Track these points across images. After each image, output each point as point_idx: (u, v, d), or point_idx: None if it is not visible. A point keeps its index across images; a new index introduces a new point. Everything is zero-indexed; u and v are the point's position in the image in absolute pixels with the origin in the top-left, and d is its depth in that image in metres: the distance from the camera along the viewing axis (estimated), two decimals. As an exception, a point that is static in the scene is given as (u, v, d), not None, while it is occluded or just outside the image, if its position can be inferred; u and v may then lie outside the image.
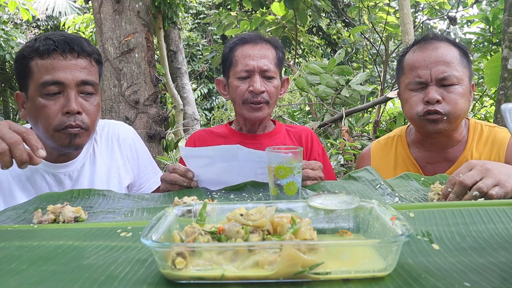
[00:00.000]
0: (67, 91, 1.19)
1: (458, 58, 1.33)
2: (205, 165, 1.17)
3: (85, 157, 1.36)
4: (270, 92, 1.47)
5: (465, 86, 1.33)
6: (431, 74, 1.32)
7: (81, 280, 0.56)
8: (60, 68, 1.17)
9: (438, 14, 5.83)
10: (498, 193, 0.88)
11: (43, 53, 1.17)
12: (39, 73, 1.17)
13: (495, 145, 1.38)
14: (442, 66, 1.31)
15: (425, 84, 1.34)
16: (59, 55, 1.18)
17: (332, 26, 10.60)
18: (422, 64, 1.34)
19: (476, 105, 5.49)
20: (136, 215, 0.95)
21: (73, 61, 1.20)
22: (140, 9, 3.28)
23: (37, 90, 1.17)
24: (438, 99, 1.31)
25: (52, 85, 1.17)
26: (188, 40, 12.01)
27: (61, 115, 1.18)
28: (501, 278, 0.53)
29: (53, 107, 1.18)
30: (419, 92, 1.36)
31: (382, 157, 1.57)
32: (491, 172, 0.91)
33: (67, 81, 1.18)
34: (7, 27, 8.82)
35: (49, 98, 1.18)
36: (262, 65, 1.45)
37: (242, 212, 0.63)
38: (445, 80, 1.31)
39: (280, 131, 1.61)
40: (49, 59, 1.17)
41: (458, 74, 1.31)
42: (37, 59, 1.17)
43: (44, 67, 1.17)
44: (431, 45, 1.36)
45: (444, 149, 1.43)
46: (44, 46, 1.17)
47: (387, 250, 0.55)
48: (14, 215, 0.96)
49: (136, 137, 1.49)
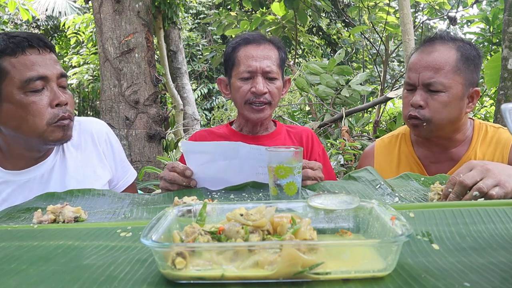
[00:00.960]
0: (51, 84, 1.18)
1: (453, 64, 1.30)
2: (205, 162, 1.16)
3: (55, 158, 1.32)
4: (272, 93, 1.47)
5: (454, 93, 1.31)
6: (419, 78, 1.33)
7: (81, 280, 0.56)
8: (40, 63, 1.16)
9: (438, 14, 5.83)
10: (498, 193, 0.89)
11: (15, 51, 1.13)
12: (18, 71, 1.13)
13: (499, 145, 1.39)
14: (430, 72, 1.31)
15: (414, 86, 1.35)
16: (35, 50, 1.16)
17: (332, 26, 10.60)
18: (414, 67, 1.35)
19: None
20: (136, 215, 0.95)
21: (47, 55, 1.19)
22: (140, 9, 3.28)
23: (19, 88, 1.14)
24: (420, 104, 1.32)
25: (38, 80, 1.15)
26: (188, 40, 12.01)
27: (51, 108, 1.18)
28: (501, 278, 0.53)
29: (41, 101, 1.16)
30: (410, 94, 1.38)
31: (385, 155, 1.57)
32: (491, 173, 0.91)
33: (49, 75, 1.17)
34: (7, 27, 8.82)
35: (34, 94, 1.15)
36: (265, 67, 1.45)
37: (242, 212, 0.63)
38: (431, 86, 1.31)
39: (281, 132, 1.61)
40: (24, 56, 1.14)
41: (446, 82, 1.30)
42: (9, 58, 1.13)
43: (22, 64, 1.14)
44: (430, 48, 1.35)
45: (447, 149, 1.43)
46: (13, 44, 1.14)
47: (387, 250, 0.55)
48: (14, 215, 0.96)
49: (110, 131, 1.45)
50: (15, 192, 1.24)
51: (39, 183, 1.27)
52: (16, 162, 1.25)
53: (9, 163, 1.25)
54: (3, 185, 1.23)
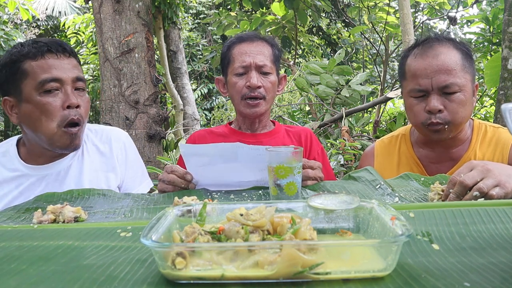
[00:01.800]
0: (65, 87, 1.26)
1: (460, 63, 1.31)
2: (204, 164, 1.16)
3: (73, 157, 1.39)
4: (266, 87, 1.50)
5: (468, 91, 1.32)
6: (432, 83, 1.30)
7: (81, 280, 0.56)
8: (56, 67, 1.25)
9: (438, 14, 5.83)
10: (499, 193, 0.89)
11: (36, 55, 1.24)
12: (36, 73, 1.23)
13: (499, 145, 1.39)
14: (444, 75, 1.29)
15: (426, 92, 1.33)
16: (53, 55, 1.26)
17: (332, 26, 10.60)
18: (423, 72, 1.32)
19: (476, 105, 5.50)
20: (136, 215, 0.95)
21: (65, 60, 1.28)
22: (140, 9, 3.28)
23: (36, 89, 1.23)
24: (439, 108, 1.30)
25: (51, 82, 1.23)
26: (188, 40, 12.01)
27: (62, 110, 1.25)
28: (501, 278, 0.53)
29: (54, 103, 1.24)
30: (421, 101, 1.35)
31: (385, 156, 1.57)
32: (491, 173, 0.91)
33: (64, 77, 1.26)
34: (7, 27, 8.82)
35: (48, 95, 1.24)
36: (258, 61, 1.49)
37: (242, 212, 0.63)
38: (447, 88, 1.30)
39: (279, 130, 1.62)
40: (43, 60, 1.24)
41: (460, 81, 1.30)
42: (30, 61, 1.24)
43: (40, 67, 1.23)
44: (433, 50, 1.34)
45: (447, 149, 1.43)
46: (35, 49, 1.25)
47: (387, 250, 0.54)
48: (14, 215, 0.96)
49: (128, 140, 1.52)
50: (32, 186, 1.32)
51: (55, 180, 1.35)
52: (37, 158, 1.35)
53: (30, 158, 1.35)
54: (22, 178, 1.33)
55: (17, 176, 1.32)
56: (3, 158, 1.34)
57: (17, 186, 1.32)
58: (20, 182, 1.32)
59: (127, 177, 1.49)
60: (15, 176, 1.32)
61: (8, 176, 1.32)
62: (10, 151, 1.36)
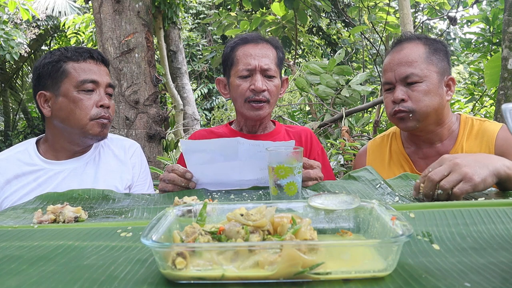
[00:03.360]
0: (99, 89, 1.44)
1: (423, 56, 1.38)
2: (205, 162, 1.16)
3: (91, 156, 1.52)
4: (271, 91, 1.49)
5: (432, 82, 1.37)
6: (395, 75, 1.40)
7: (81, 280, 0.56)
8: (95, 71, 1.44)
9: (438, 14, 5.83)
10: (462, 189, 0.89)
11: (79, 58, 1.42)
12: (77, 73, 1.40)
13: (485, 138, 1.40)
14: (404, 67, 1.38)
15: (392, 85, 1.42)
16: (94, 61, 1.45)
17: (332, 26, 10.60)
18: (388, 67, 1.43)
19: (476, 105, 5.50)
20: (136, 215, 0.95)
21: (102, 67, 1.47)
22: (140, 9, 3.28)
23: (75, 87, 1.40)
24: (402, 98, 1.38)
25: (90, 82, 1.41)
26: (188, 40, 12.01)
27: (96, 107, 1.42)
28: (501, 278, 0.53)
29: (89, 101, 1.41)
30: (389, 93, 1.44)
31: (377, 154, 1.61)
32: (458, 167, 0.91)
33: (100, 81, 1.44)
34: (7, 27, 8.82)
35: (85, 93, 1.41)
36: (263, 64, 1.47)
37: (242, 212, 0.63)
38: (408, 79, 1.37)
39: (280, 131, 1.62)
40: (84, 63, 1.42)
41: (422, 72, 1.37)
42: (72, 62, 1.41)
43: (81, 69, 1.41)
44: (399, 47, 1.43)
45: (433, 144, 1.47)
46: (78, 53, 1.43)
47: (388, 250, 0.54)
48: (14, 215, 0.96)
49: (140, 150, 1.66)
50: (50, 179, 1.43)
51: (71, 175, 1.45)
52: (57, 154, 1.48)
53: (50, 154, 1.48)
54: (40, 172, 1.43)
55: (36, 170, 1.43)
56: (22, 155, 1.45)
57: (36, 179, 1.41)
58: (38, 175, 1.42)
59: (137, 181, 1.59)
60: (34, 170, 1.43)
61: (26, 170, 1.42)
62: (29, 149, 1.47)
